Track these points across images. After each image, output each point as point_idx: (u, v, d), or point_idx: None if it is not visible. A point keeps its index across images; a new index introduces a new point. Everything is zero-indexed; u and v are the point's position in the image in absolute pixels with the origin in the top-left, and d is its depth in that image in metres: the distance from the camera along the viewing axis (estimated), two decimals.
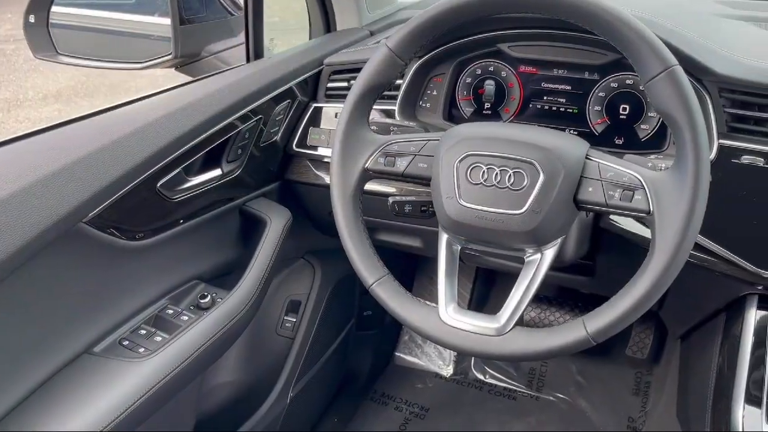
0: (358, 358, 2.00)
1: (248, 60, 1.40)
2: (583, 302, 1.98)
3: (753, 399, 1.00)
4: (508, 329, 0.89)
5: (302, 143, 1.40)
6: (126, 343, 1.05)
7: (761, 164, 1.01)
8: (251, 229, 1.33)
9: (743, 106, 1.04)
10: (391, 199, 1.27)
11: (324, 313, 1.70)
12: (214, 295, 1.17)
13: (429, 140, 0.99)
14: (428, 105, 1.29)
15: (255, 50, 1.39)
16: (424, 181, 0.99)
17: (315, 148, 1.38)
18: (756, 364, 1.02)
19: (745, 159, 1.02)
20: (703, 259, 1.06)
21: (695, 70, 1.02)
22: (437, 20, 0.93)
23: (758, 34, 1.27)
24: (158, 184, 1.07)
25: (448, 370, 2.06)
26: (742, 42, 1.16)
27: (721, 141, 1.03)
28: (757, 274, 1.02)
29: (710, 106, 1.03)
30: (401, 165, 0.99)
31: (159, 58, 1.49)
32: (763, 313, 1.06)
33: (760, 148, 1.01)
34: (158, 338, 1.06)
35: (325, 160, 1.37)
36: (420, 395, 1.99)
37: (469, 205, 0.91)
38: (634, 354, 1.92)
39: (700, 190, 0.80)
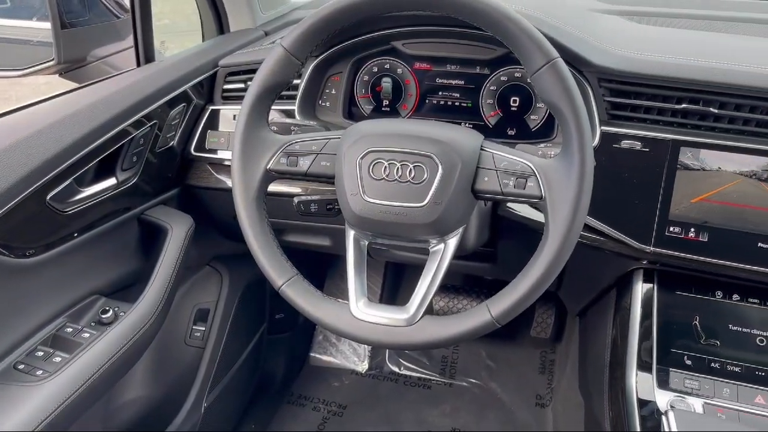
0: (272, 362, 1.98)
1: (139, 64, 1.35)
2: (488, 288, 2.06)
3: (644, 365, 1.07)
4: (418, 319, 0.92)
5: (201, 147, 1.36)
6: (22, 366, 0.99)
7: (638, 147, 1.09)
8: (152, 238, 1.29)
9: (621, 94, 1.12)
10: (296, 199, 1.27)
11: (234, 319, 1.67)
12: (116, 309, 1.12)
13: (330, 138, 0.99)
14: (328, 104, 1.30)
15: (145, 53, 1.35)
16: (328, 179, 0.99)
17: (214, 151, 1.36)
18: (645, 333, 1.10)
19: (625, 143, 1.09)
20: (593, 239, 1.13)
21: (576, 62, 1.09)
22: (330, 19, 0.94)
23: (629, 28, 1.36)
24: (48, 197, 1.01)
25: (363, 366, 2.08)
26: (616, 35, 1.24)
27: (603, 128, 1.10)
28: (641, 249, 1.10)
29: (591, 96, 1.10)
30: (304, 164, 0.99)
31: (40, 64, 1.41)
32: (648, 285, 1.14)
33: (637, 132, 1.09)
34: (57, 359, 1.01)
35: (226, 163, 1.35)
36: (337, 393, 2.00)
37: (373, 200, 0.93)
38: (538, 334, 2.02)
39: (586, 174, 0.85)
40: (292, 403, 1.96)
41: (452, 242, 0.96)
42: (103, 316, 1.10)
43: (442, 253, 0.95)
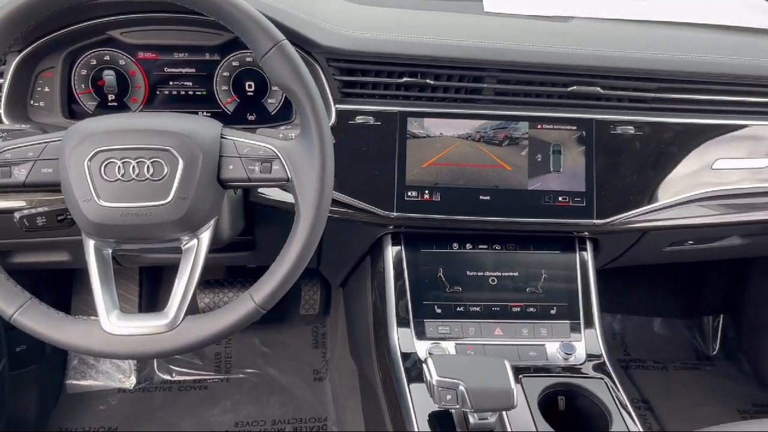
0: (20, 400, 1.74)
1: None
2: (253, 276, 2.05)
3: (403, 321, 1.17)
4: (180, 321, 0.88)
5: None
6: None
7: (372, 122, 1.16)
8: None
9: (350, 73, 1.17)
10: (17, 215, 1.11)
11: None
12: None
13: (49, 142, 0.89)
14: (42, 103, 1.15)
15: None
16: (53, 187, 0.89)
17: None
18: (400, 292, 1.20)
19: (359, 119, 1.16)
20: (343, 212, 1.18)
21: (303, 43, 1.11)
22: (28, 9, 0.83)
23: (351, 8, 1.42)
24: None
25: (130, 382, 1.94)
26: (340, 16, 1.29)
27: (337, 106, 1.15)
28: (386, 216, 1.18)
29: (322, 76, 1.14)
30: (20, 174, 0.88)
31: None
32: (397, 248, 1.23)
33: (369, 108, 1.16)
34: None
35: None
36: (105, 417, 1.83)
37: (110, 204, 0.86)
38: (307, 312, 2.07)
39: (327, 152, 0.89)
40: None
41: (205, 236, 0.93)
42: None
43: (197, 248, 0.92)
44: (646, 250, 1.40)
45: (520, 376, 1.09)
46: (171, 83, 1.19)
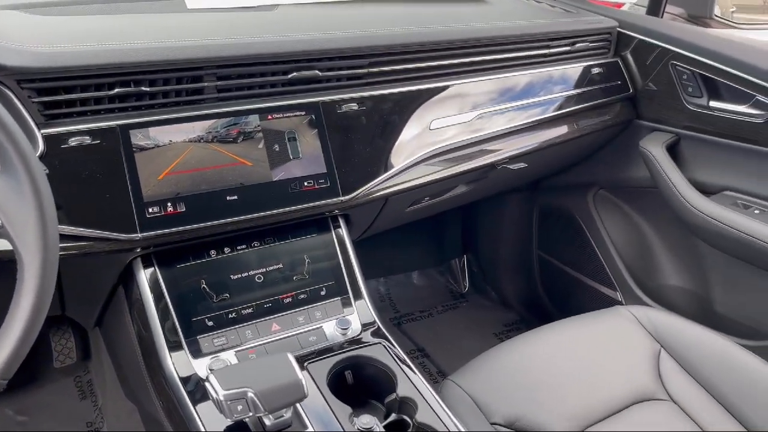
0: None
1: None
2: None
3: (174, 345, 1.10)
4: None
5: None
6: None
7: (89, 142, 1.05)
8: None
9: (49, 92, 1.04)
10: None
11: None
12: None
13: None
14: None
15: None
16: None
17: None
18: (164, 315, 1.11)
19: (73, 141, 1.04)
20: (79, 247, 1.06)
21: None
22: None
23: (35, 22, 1.26)
24: None
25: None
26: (23, 31, 1.14)
27: (43, 131, 1.02)
28: (130, 240, 1.07)
29: (16, 101, 1.00)
30: None
31: None
32: (150, 270, 1.14)
33: (82, 127, 1.05)
34: None
35: None
36: None
37: None
38: (64, 363, 1.85)
39: (40, 185, 0.78)
40: None
41: None
42: None
43: None
44: (392, 214, 1.51)
45: (305, 363, 1.10)
46: None
